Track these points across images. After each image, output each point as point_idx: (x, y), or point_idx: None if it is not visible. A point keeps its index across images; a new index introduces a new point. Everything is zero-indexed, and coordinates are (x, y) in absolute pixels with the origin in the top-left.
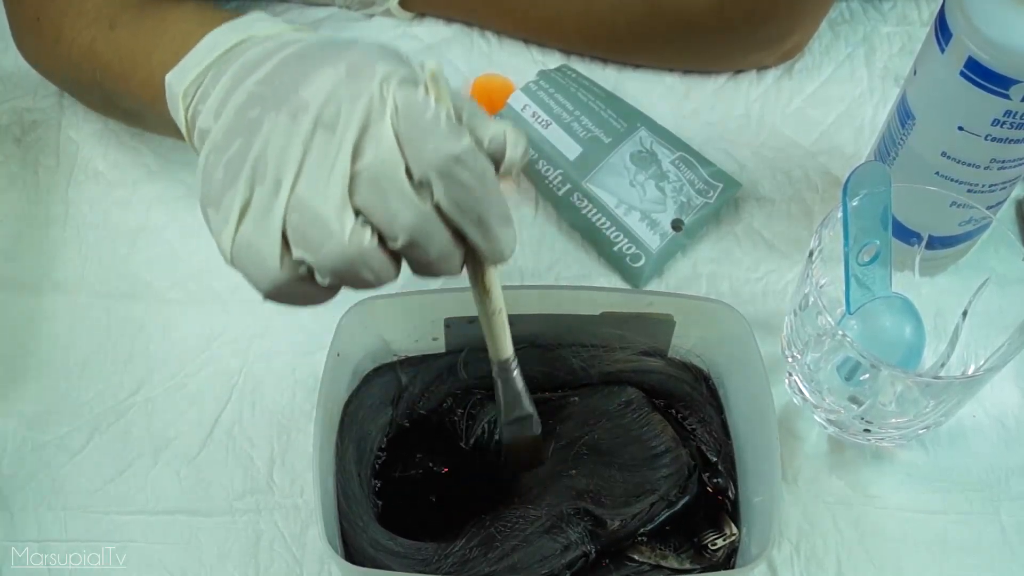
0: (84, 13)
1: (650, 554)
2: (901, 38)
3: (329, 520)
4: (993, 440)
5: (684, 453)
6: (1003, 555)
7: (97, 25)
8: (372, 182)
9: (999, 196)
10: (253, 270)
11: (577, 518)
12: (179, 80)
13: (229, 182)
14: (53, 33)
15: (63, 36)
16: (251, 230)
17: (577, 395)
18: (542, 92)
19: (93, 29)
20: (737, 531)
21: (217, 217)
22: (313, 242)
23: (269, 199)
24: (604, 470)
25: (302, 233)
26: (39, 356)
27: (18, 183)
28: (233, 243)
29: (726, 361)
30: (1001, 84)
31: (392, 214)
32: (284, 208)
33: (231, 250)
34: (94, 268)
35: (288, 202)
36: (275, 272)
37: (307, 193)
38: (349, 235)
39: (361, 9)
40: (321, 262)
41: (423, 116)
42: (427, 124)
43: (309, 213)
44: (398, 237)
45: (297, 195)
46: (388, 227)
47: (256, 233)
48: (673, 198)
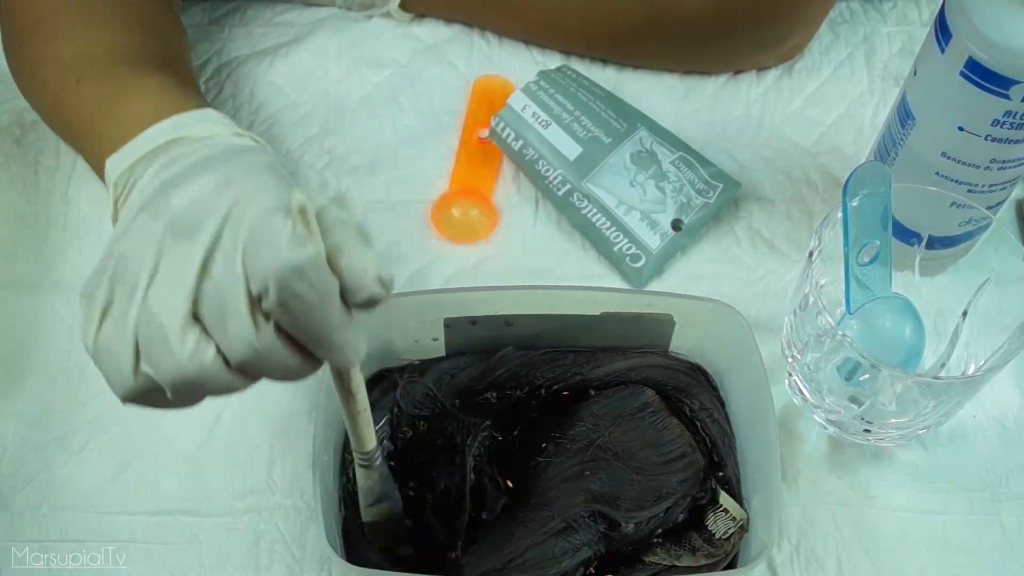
0: (59, 58)
1: (664, 555)
2: (901, 38)
3: (329, 520)
4: (993, 440)
5: (700, 458)
6: (1003, 555)
7: (66, 77)
8: (214, 299)
9: (999, 196)
10: (109, 374)
11: (591, 520)
12: (115, 167)
13: (98, 280)
14: (29, 67)
15: (36, 76)
16: (110, 333)
17: (594, 395)
18: (542, 92)
19: (62, 79)
20: (745, 513)
21: (85, 312)
22: (154, 357)
23: (126, 303)
24: (619, 473)
25: (147, 346)
26: (39, 356)
27: (18, 183)
28: (95, 342)
29: (726, 361)
30: (1001, 84)
31: (229, 337)
32: (136, 317)
33: (92, 349)
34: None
35: (139, 311)
36: (129, 380)
37: (155, 304)
38: (189, 354)
39: (361, 10)
40: (161, 378)
41: (269, 224)
42: (270, 233)
43: (155, 326)
44: (234, 360)
45: (147, 304)
46: (225, 349)
47: (113, 337)
48: (673, 198)
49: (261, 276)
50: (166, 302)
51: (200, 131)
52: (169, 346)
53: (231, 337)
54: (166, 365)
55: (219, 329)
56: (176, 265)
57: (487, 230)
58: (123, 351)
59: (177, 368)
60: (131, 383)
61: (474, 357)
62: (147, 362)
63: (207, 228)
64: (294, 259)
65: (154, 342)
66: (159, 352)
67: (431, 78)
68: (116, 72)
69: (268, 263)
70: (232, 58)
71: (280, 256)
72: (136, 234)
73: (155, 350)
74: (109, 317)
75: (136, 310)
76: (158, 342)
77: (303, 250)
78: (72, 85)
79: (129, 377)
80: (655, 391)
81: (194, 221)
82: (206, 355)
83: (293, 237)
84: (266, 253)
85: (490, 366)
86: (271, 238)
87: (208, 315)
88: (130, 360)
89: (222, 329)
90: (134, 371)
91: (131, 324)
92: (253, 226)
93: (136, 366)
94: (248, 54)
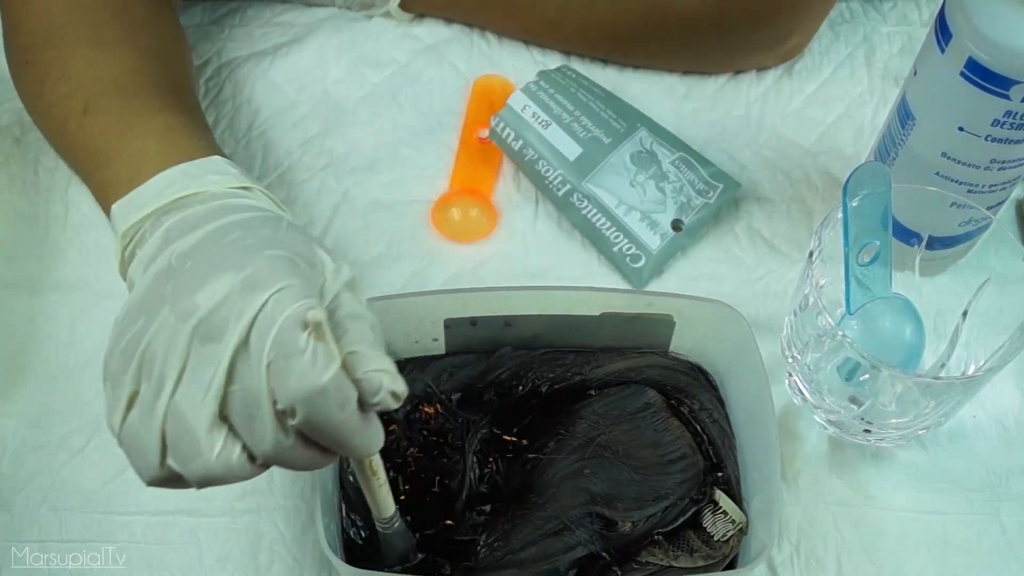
0: (67, 79)
1: (662, 556)
2: (901, 38)
3: (329, 521)
4: (993, 440)
5: (699, 460)
6: (1003, 555)
7: (72, 103)
8: (241, 404)
9: (999, 196)
10: (135, 462)
11: (588, 519)
12: (122, 216)
13: (123, 366)
14: (37, 88)
15: (44, 96)
16: (136, 424)
17: (595, 394)
18: (542, 92)
19: (68, 105)
20: (745, 517)
21: (111, 396)
22: (182, 454)
23: (153, 398)
24: (618, 472)
25: (175, 443)
26: (39, 356)
27: (18, 183)
28: (121, 429)
29: (726, 361)
30: (1001, 84)
31: (257, 440)
32: (164, 413)
33: (119, 435)
34: (94, 268)
35: (167, 408)
36: (154, 471)
37: (183, 404)
38: (217, 454)
39: (361, 10)
40: (189, 475)
41: (291, 346)
42: (294, 356)
43: (183, 425)
44: (260, 458)
45: (175, 403)
46: (252, 448)
47: (141, 428)
48: (673, 198)
49: (287, 397)
50: (195, 403)
51: (209, 185)
52: (198, 446)
53: (257, 438)
54: (194, 463)
55: (247, 430)
56: (203, 367)
57: (487, 230)
58: (150, 444)
59: (204, 467)
60: (156, 473)
61: (474, 356)
62: (174, 458)
63: (233, 333)
64: (318, 383)
65: (182, 440)
66: (187, 450)
67: (431, 78)
68: (123, 106)
69: (294, 387)
70: (232, 58)
71: (305, 381)
72: (162, 331)
73: (183, 448)
74: (136, 407)
75: (164, 408)
76: (186, 441)
77: (326, 373)
78: (78, 113)
79: (155, 467)
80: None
81: (220, 324)
82: (232, 455)
83: (315, 359)
84: (291, 375)
85: (490, 365)
86: (295, 359)
87: (235, 417)
88: (157, 453)
89: (250, 431)
90: (160, 464)
91: (159, 419)
92: (277, 340)
93: (163, 459)
94: (248, 54)
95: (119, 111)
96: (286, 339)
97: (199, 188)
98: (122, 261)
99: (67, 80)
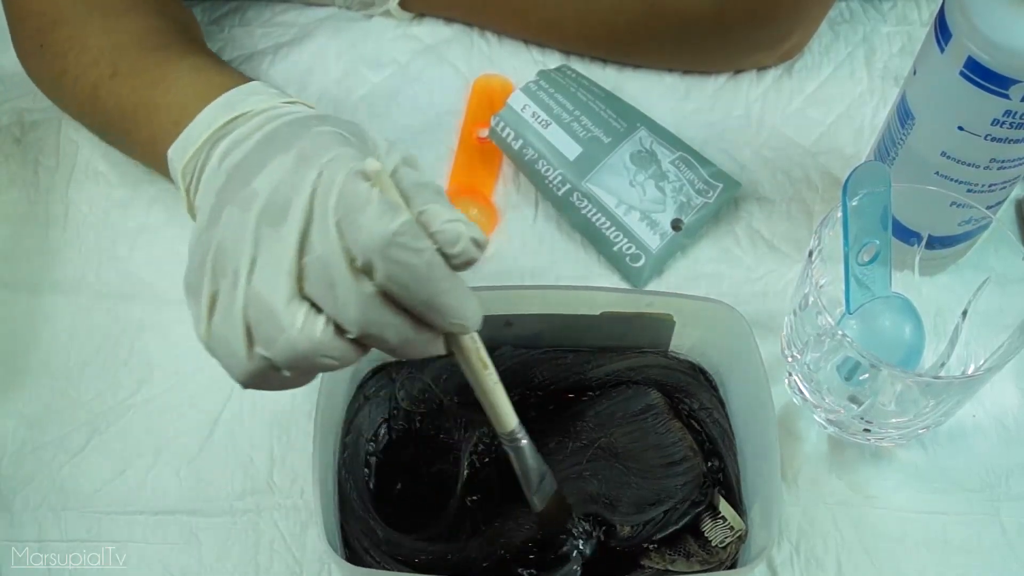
0: (87, 50)
1: (659, 560)
2: (901, 38)
3: (329, 520)
4: (993, 440)
5: (701, 463)
6: (1003, 555)
7: (99, 69)
8: (319, 273)
9: (999, 196)
10: (226, 362)
11: (586, 522)
12: (179, 156)
13: (200, 273)
14: (59, 65)
15: (68, 71)
16: (220, 322)
17: (597, 395)
18: (542, 92)
19: (95, 72)
20: (744, 525)
21: (194, 308)
22: (266, 336)
23: (231, 292)
24: (619, 475)
25: (257, 327)
26: (39, 356)
27: (18, 183)
28: (208, 334)
29: (726, 361)
30: (1001, 84)
31: (341, 305)
32: (243, 302)
33: (207, 342)
34: (94, 268)
35: (246, 295)
36: (245, 364)
37: (261, 287)
38: (300, 328)
39: (361, 9)
40: (276, 356)
41: (357, 199)
42: (360, 207)
43: (263, 307)
44: (350, 329)
45: (252, 288)
46: (339, 318)
47: (224, 326)
48: (673, 198)
49: (363, 251)
50: (270, 283)
51: (253, 105)
52: (279, 322)
53: (341, 303)
54: (279, 343)
55: (328, 299)
56: (274, 248)
57: (487, 230)
58: (235, 337)
59: (289, 344)
60: (247, 366)
61: None
62: (260, 344)
63: (297, 208)
64: (390, 228)
65: (264, 322)
66: (270, 331)
67: (431, 78)
68: (149, 60)
69: (367, 236)
70: (232, 58)
71: (376, 229)
72: (228, 226)
73: (266, 330)
74: (217, 308)
75: (242, 296)
76: (267, 321)
77: (397, 219)
78: (107, 79)
79: (244, 361)
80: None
81: (283, 203)
82: (316, 327)
83: (383, 206)
84: (362, 228)
85: None
86: (362, 209)
87: (314, 288)
88: (243, 344)
89: (332, 298)
90: (248, 355)
91: (239, 310)
92: (341, 198)
93: (250, 350)
94: (248, 54)
95: (147, 66)
96: (349, 193)
97: (245, 109)
98: (188, 202)
99: (88, 51)
